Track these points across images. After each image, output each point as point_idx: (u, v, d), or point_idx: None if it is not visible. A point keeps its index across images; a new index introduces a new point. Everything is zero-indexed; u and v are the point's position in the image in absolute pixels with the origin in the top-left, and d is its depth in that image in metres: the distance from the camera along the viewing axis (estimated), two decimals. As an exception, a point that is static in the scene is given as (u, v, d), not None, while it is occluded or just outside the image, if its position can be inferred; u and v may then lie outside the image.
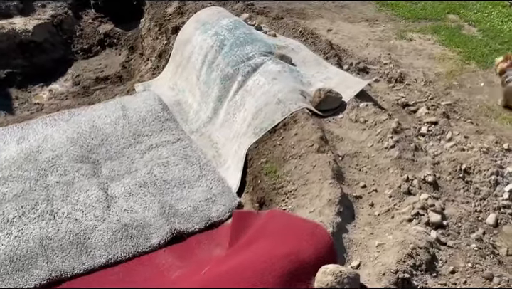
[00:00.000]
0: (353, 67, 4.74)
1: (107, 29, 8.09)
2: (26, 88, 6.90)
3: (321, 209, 2.79)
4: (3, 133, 4.81)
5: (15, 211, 3.64)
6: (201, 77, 5.14)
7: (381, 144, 3.37)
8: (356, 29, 5.87)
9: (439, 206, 2.86)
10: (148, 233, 3.54)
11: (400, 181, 3.04)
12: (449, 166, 3.23)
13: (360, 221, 2.87)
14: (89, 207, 3.73)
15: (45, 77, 7.13)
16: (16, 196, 3.81)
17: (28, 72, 7.05)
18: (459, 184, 3.13)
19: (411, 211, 2.78)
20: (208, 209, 3.75)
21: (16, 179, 4.03)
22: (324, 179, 3.02)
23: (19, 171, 4.14)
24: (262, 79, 4.39)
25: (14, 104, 6.45)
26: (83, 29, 8.08)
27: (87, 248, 3.37)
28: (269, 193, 3.24)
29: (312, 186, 3.05)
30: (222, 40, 5.11)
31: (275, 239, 2.66)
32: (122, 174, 4.15)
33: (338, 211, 2.77)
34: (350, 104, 3.85)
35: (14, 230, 3.46)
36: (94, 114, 5.05)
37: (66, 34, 7.82)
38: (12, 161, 4.29)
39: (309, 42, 5.20)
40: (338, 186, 2.97)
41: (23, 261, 3.22)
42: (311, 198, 2.95)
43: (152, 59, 6.51)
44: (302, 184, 3.12)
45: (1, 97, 6.55)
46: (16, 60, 7.07)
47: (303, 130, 3.49)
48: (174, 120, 4.94)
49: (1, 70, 6.89)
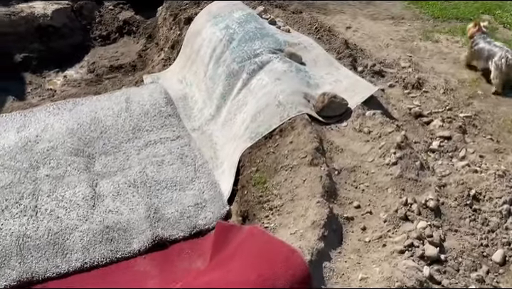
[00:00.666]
0: (368, 70, 4.39)
1: (127, 16, 7.96)
2: (41, 73, 6.86)
3: (303, 232, 2.51)
4: (5, 120, 4.76)
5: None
6: (208, 72, 4.91)
7: (383, 160, 3.05)
8: (378, 27, 5.48)
9: (438, 237, 2.53)
10: (130, 237, 3.38)
11: (398, 204, 2.72)
12: (456, 191, 2.88)
13: (348, 246, 2.58)
14: (73, 205, 3.60)
15: (61, 62, 7.08)
16: (2, 187, 3.73)
17: (44, 56, 7.01)
18: (465, 211, 2.78)
19: (404, 241, 2.47)
20: (196, 216, 3.54)
21: (6, 170, 3.94)
22: (313, 196, 2.74)
23: (12, 162, 4.05)
24: (266, 78, 4.11)
25: (27, 90, 6.42)
26: (103, 15, 7.98)
27: (64, 249, 3.23)
28: (253, 207, 3.00)
29: (299, 203, 2.78)
30: (231, 34, 4.86)
31: (250, 261, 2.42)
32: (114, 171, 4.00)
33: (321, 235, 2.49)
34: (356, 112, 3.54)
35: (-6, 224, 3.36)
36: (97, 104, 4.93)
37: (85, 20, 7.75)
38: (8, 150, 4.22)
39: (324, 40, 4.87)
40: (327, 205, 2.69)
41: (-3, 259, 3.11)
42: (296, 217, 2.68)
43: (165, 50, 6.33)
44: (289, 200, 2.85)
45: (15, 82, 6.53)
46: (32, 45, 7.04)
47: (299, 138, 3.21)
48: (177, 116, 4.75)
49: (17, 54, 6.87)
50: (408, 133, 3.44)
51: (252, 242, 2.58)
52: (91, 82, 6.52)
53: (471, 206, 2.82)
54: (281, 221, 2.72)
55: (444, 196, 2.85)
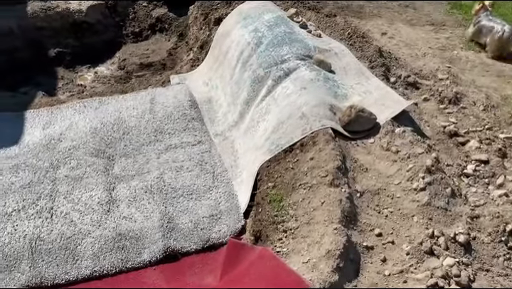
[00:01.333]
0: (401, 81, 4.13)
1: (160, 13, 7.93)
2: (74, 68, 6.92)
3: (316, 261, 2.34)
4: (32, 116, 4.80)
5: (16, 204, 3.55)
6: (234, 76, 4.78)
7: (410, 184, 2.82)
8: (416, 34, 5.17)
9: (467, 277, 2.30)
10: (142, 247, 3.29)
11: (423, 235, 2.50)
12: (491, 224, 2.62)
13: (365, 280, 2.38)
14: (88, 209, 3.55)
15: (93, 58, 7.11)
16: (22, 186, 3.73)
17: (77, 52, 7.07)
18: (500, 249, 2.52)
19: (428, 280, 2.25)
20: (210, 228, 3.42)
21: (28, 168, 3.95)
22: (330, 221, 2.55)
23: (34, 160, 4.06)
24: (291, 86, 3.93)
25: (58, 85, 6.49)
26: (137, 12, 7.97)
27: (74, 255, 3.19)
28: (267, 227, 2.84)
29: (315, 227, 2.59)
30: (259, 38, 4.70)
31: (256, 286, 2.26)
32: (132, 175, 3.93)
33: (336, 267, 2.31)
34: (385, 128, 3.30)
35: (9, 225, 3.37)
36: (123, 104, 4.90)
37: (119, 16, 7.76)
38: (32, 148, 4.24)
39: (356, 46, 4.63)
40: (344, 233, 2.49)
41: (8, 262, 3.11)
42: (310, 243, 2.50)
43: (194, 50, 6.25)
44: (305, 223, 2.67)
45: (47, 76, 6.61)
46: (67, 40, 7.11)
47: (320, 155, 3.02)
48: (200, 120, 4.64)
49: (51, 49, 6.95)
50: (440, 154, 3.18)
51: (261, 266, 2.43)
52: (120, 80, 6.52)
53: (507, 243, 2.55)
54: (294, 246, 2.55)
55: (476, 229, 2.60)
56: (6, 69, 6.42)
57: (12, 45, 6.62)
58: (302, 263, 2.36)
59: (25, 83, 6.34)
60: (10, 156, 4.11)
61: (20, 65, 6.55)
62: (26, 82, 6.39)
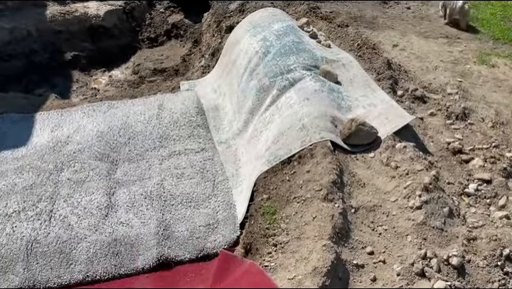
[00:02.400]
0: (409, 94, 4.05)
1: (176, 20, 8.03)
2: (89, 72, 7.04)
3: (301, 278, 2.29)
4: (42, 118, 4.88)
5: (17, 205, 3.60)
6: (241, 85, 4.77)
7: (407, 202, 2.74)
8: (429, 47, 5.07)
9: (457, 302, 2.21)
10: (136, 253, 3.30)
11: (416, 256, 2.42)
12: (488, 247, 2.52)
13: (352, 299, 2.32)
14: (87, 213, 3.58)
15: (109, 62, 7.23)
16: (24, 188, 3.78)
17: (93, 56, 7.20)
18: (495, 274, 2.41)
19: (416, 303, 2.17)
20: (205, 237, 3.40)
21: (32, 170, 4.01)
22: (320, 237, 2.50)
23: (39, 162, 4.12)
24: (295, 97, 3.90)
25: (72, 88, 6.61)
26: (153, 18, 8.09)
27: (68, 259, 3.21)
28: (258, 240, 2.80)
29: (305, 242, 2.54)
30: (267, 47, 4.68)
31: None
32: (133, 180, 3.95)
33: (321, 285, 2.25)
34: (386, 143, 3.23)
35: (9, 226, 3.42)
36: (131, 109, 4.94)
37: (136, 21, 7.90)
38: (38, 150, 4.31)
39: (365, 58, 4.57)
40: (333, 250, 2.43)
41: (3, 263, 3.15)
42: (299, 259, 2.45)
43: (206, 57, 6.27)
44: (296, 237, 2.63)
45: (63, 79, 6.75)
46: (83, 44, 7.26)
47: (317, 168, 2.97)
48: (206, 127, 4.65)
49: (68, 52, 7.09)
50: (442, 171, 3.09)
51: (247, 281, 2.39)
52: (133, 84, 6.60)
53: (503, 268, 2.45)
54: (282, 260, 2.51)
55: (471, 252, 2.50)
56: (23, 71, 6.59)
57: (30, 48, 6.79)
58: (288, 279, 2.32)
59: (41, 85, 6.49)
60: (16, 158, 4.18)
61: (37, 68, 6.71)
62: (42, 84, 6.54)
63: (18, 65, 6.56)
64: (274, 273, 2.44)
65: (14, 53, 6.62)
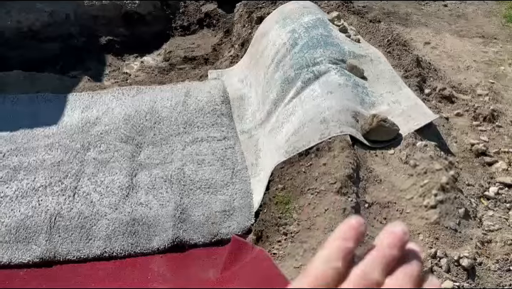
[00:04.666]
0: (436, 93, 3.96)
1: (210, 9, 8.09)
2: (122, 57, 7.21)
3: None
4: (74, 99, 5.06)
5: (44, 180, 3.76)
6: (267, 76, 4.79)
7: (422, 200, 2.71)
8: (463, 46, 4.93)
9: (464, 304, 2.18)
10: (153, 234, 3.39)
11: (425, 254, 2.39)
12: (501, 251, 2.46)
13: (357, 292, 2.31)
14: (109, 192, 3.70)
15: (141, 48, 7.38)
16: (52, 164, 3.94)
17: (126, 41, 7.36)
18: (506, 278, 2.36)
19: (421, 301, 2.15)
20: (220, 223, 3.46)
21: (61, 148, 4.17)
22: (329, 229, 2.51)
23: (67, 140, 4.28)
24: (318, 90, 3.89)
25: (105, 71, 6.79)
26: (187, 6, 8.18)
27: (88, 235, 3.33)
28: (269, 228, 2.83)
29: (315, 233, 2.55)
30: (295, 39, 4.68)
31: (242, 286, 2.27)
32: (156, 164, 4.05)
33: (327, 275, 2.26)
34: (407, 140, 3.19)
35: (35, 199, 3.57)
36: (158, 94, 5.05)
37: (170, 9, 8.00)
38: (68, 129, 4.47)
39: (394, 54, 4.49)
40: (342, 242, 2.43)
41: (27, 234, 3.30)
42: (306, 249, 2.47)
43: (235, 47, 6.32)
44: (306, 228, 2.64)
45: (96, 62, 6.94)
46: (118, 29, 7.43)
47: (333, 161, 2.96)
48: (230, 116, 4.70)
49: (103, 37, 7.28)
50: (463, 172, 3.03)
51: (254, 267, 2.43)
52: (163, 71, 6.72)
53: (516, 273, 2.39)
54: (291, 249, 2.53)
55: (484, 255, 2.45)
56: (59, 53, 6.83)
57: (67, 32, 7.03)
58: (294, 267, 2.34)
59: (75, 68, 6.71)
60: (47, 135, 4.36)
61: (73, 51, 6.93)
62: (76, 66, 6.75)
63: (55, 47, 6.80)
64: (281, 261, 2.47)
65: (52, 36, 6.86)
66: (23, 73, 5.56)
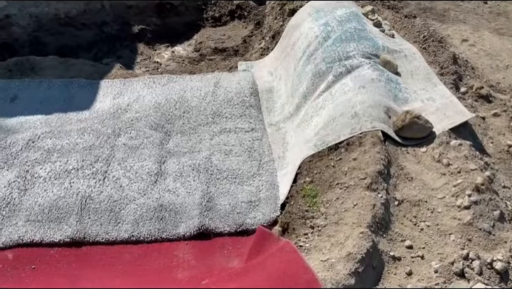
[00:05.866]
0: (472, 92, 3.85)
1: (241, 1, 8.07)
2: (153, 46, 7.28)
3: (334, 262, 2.28)
4: (106, 85, 5.15)
5: (76, 163, 3.85)
6: (298, 68, 4.75)
7: (455, 200, 2.64)
8: (502, 44, 4.77)
9: (496, 308, 2.11)
10: (179, 220, 3.43)
11: (457, 255, 2.33)
12: (537, 257, 2.37)
13: (384, 290, 2.28)
14: (138, 177, 3.76)
15: (173, 38, 7.44)
16: (84, 148, 4.03)
17: (158, 31, 7.43)
18: (541, 285, 2.28)
19: (451, 302, 2.11)
20: (246, 213, 3.47)
21: (93, 132, 4.25)
22: (358, 224, 2.47)
23: (99, 126, 4.36)
24: (350, 84, 3.83)
25: (136, 60, 6.87)
26: (219, -2, 8.17)
27: (117, 218, 3.40)
28: (296, 221, 2.81)
29: (343, 228, 2.53)
30: (328, 32, 4.62)
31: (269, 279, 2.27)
32: (184, 152, 4.09)
33: (354, 271, 2.23)
34: (440, 138, 3.11)
35: (67, 181, 3.66)
36: (188, 84, 5.09)
37: (202, 0, 8.02)
38: (100, 114, 4.56)
39: (430, 51, 4.38)
40: (371, 238, 2.40)
41: (60, 214, 3.39)
42: (334, 243, 2.44)
43: (266, 39, 6.30)
44: (334, 222, 2.61)
45: (128, 50, 7.04)
46: (150, 18, 7.50)
47: (363, 157, 2.92)
48: (258, 108, 4.69)
49: (135, 26, 7.37)
50: (499, 174, 2.93)
51: (280, 258, 2.42)
52: (193, 61, 6.75)
53: (551, 279, 2.30)
54: (318, 243, 2.51)
55: (519, 257, 2.37)
56: (93, 40, 6.96)
57: (102, 20, 7.15)
58: (321, 260, 2.32)
59: (108, 55, 6.82)
60: (80, 120, 4.46)
61: (106, 38, 7.05)
62: (109, 54, 6.86)
63: (89, 35, 6.93)
64: (308, 254, 2.45)
65: (87, 23, 6.99)
66: (58, 59, 5.70)
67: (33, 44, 6.44)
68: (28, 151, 3.96)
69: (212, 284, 2.54)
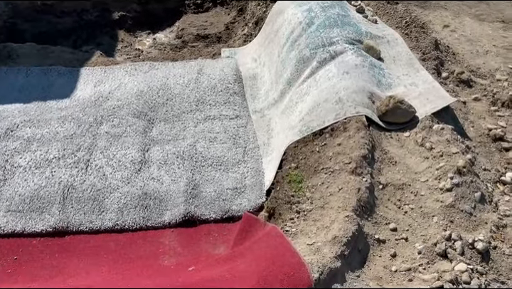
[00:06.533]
0: (454, 77, 3.89)
1: (223, -14, 7.96)
2: (134, 33, 7.15)
3: (320, 245, 2.30)
4: (87, 73, 5.04)
5: (57, 152, 3.78)
6: (282, 55, 4.73)
7: (437, 183, 2.68)
8: (482, 30, 4.83)
9: (477, 286, 2.17)
10: (164, 208, 3.41)
11: (440, 237, 2.37)
12: (517, 236, 2.44)
13: (370, 272, 2.32)
14: (121, 166, 3.71)
15: (154, 25, 7.31)
16: (65, 137, 3.95)
17: (139, 17, 7.29)
18: (521, 263, 2.34)
19: (434, 282, 2.15)
20: (231, 200, 3.46)
21: (74, 121, 4.17)
22: (343, 208, 2.50)
23: (80, 114, 4.28)
24: (334, 70, 3.83)
25: (117, 47, 6.74)
26: (201, -17, 8.05)
27: (100, 207, 3.36)
28: (281, 206, 2.82)
29: (328, 212, 2.55)
30: (312, 18, 4.60)
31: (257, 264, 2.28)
32: (168, 140, 4.05)
33: (340, 254, 2.26)
34: (423, 123, 3.14)
35: (48, 170, 3.60)
36: (171, 71, 5.02)
37: (183, -14, 7.88)
38: (81, 102, 4.47)
39: (412, 36, 4.41)
40: (356, 222, 2.43)
41: (41, 204, 3.33)
42: (320, 227, 2.46)
43: (249, 25, 6.24)
44: (319, 206, 2.63)
45: (108, 37, 6.89)
46: (131, 5, 7.35)
47: (348, 142, 2.94)
48: (242, 95, 4.67)
49: (116, 12, 7.22)
50: (479, 157, 2.99)
51: (267, 243, 2.43)
52: (175, 48, 6.66)
53: (530, 258, 2.37)
54: (304, 227, 2.53)
55: (499, 239, 2.43)
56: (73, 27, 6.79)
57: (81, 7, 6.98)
58: (307, 244, 2.34)
59: (88, 42, 6.68)
60: (60, 108, 4.36)
61: (86, 25, 6.89)
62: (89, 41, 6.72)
63: (69, 22, 6.77)
64: (294, 238, 2.47)
65: (67, 10, 6.82)
66: (36, 46, 5.55)
67: (10, 31, 6.25)
68: (7, 140, 3.87)
69: (199, 270, 2.54)
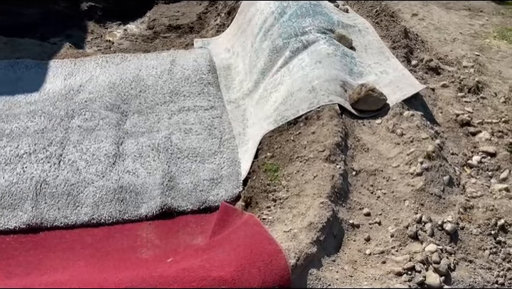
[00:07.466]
0: (423, 65, 3.99)
1: (195, -24, 7.87)
2: (104, 24, 7.01)
3: (297, 232, 2.35)
4: (56, 66, 4.93)
5: (28, 147, 3.70)
6: (255, 45, 4.74)
7: (408, 168, 2.77)
8: (449, 18, 4.95)
9: (446, 265, 2.26)
10: (141, 201, 3.39)
11: (411, 220, 2.46)
12: (483, 216, 2.55)
13: (345, 256, 2.38)
14: (95, 159, 3.67)
15: (125, 16, 7.18)
16: (36, 131, 3.87)
17: (109, 8, 7.15)
18: (487, 242, 2.45)
19: (406, 263, 2.23)
20: (208, 191, 3.48)
21: (44, 115, 4.08)
22: (318, 195, 2.55)
23: (51, 108, 4.20)
24: (307, 59, 3.87)
25: (87, 38, 6.60)
26: (173, -28, 7.93)
27: (75, 202, 3.32)
28: (258, 195, 2.86)
29: (304, 200, 2.60)
30: (284, 8, 4.62)
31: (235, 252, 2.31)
32: (142, 132, 4.02)
33: (315, 239, 2.31)
34: (394, 110, 3.23)
35: (19, 166, 3.52)
36: (143, 62, 4.96)
37: (154, -25, 7.75)
38: (51, 96, 4.37)
39: (382, 25, 4.49)
40: (331, 208, 2.49)
41: (13, 200, 3.27)
42: (296, 214, 2.51)
43: (221, 15, 6.21)
44: (295, 194, 2.68)
45: (77, 29, 6.73)
46: (101, -5, 7.18)
47: (322, 130, 2.99)
48: (217, 86, 4.66)
49: (84, 3, 7.05)
50: (448, 142, 3.09)
51: (244, 232, 2.47)
52: (147, 39, 6.57)
53: (496, 236, 2.48)
54: (280, 215, 2.57)
55: (466, 220, 2.54)
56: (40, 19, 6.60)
57: (47, -4, 6.79)
58: (284, 231, 2.39)
59: (56, 34, 6.50)
60: (29, 102, 4.26)
61: (54, 17, 6.71)
62: (57, 33, 6.54)
63: (36, 13, 6.57)
64: (271, 226, 2.51)
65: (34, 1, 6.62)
66: (2, 38, 5.37)
67: (-27, 24, 6.03)
68: (-25, 136, 3.76)
69: (178, 261, 2.56)
